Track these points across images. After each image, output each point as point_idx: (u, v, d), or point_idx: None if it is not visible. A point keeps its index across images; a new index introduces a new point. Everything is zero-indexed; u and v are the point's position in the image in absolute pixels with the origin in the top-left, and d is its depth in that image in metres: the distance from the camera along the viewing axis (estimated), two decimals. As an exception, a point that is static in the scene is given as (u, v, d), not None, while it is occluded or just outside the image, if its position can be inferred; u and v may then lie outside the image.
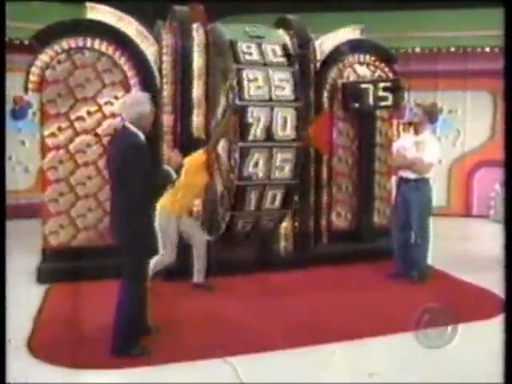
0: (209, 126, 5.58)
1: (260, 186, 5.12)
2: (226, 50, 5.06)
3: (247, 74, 4.95)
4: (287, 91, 5.07)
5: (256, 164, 5.01)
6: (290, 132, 5.05)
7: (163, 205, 4.35)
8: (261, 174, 5.06)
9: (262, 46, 5.13)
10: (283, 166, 5.14)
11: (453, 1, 7.93)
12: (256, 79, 4.99)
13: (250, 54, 5.06)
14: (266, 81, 5.00)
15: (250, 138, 4.93)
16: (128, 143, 3.46)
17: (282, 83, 5.05)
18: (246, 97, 4.93)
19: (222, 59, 5.30)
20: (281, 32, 5.53)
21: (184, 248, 4.94)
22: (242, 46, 5.08)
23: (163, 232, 4.54)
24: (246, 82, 4.93)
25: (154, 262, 4.58)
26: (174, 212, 4.73)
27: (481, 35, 8.44)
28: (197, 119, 5.54)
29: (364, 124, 6.38)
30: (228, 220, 5.25)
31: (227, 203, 5.27)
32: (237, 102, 4.89)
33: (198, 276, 5.00)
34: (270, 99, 5.01)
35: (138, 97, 3.91)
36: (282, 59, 5.15)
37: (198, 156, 4.85)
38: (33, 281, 5.15)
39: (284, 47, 5.17)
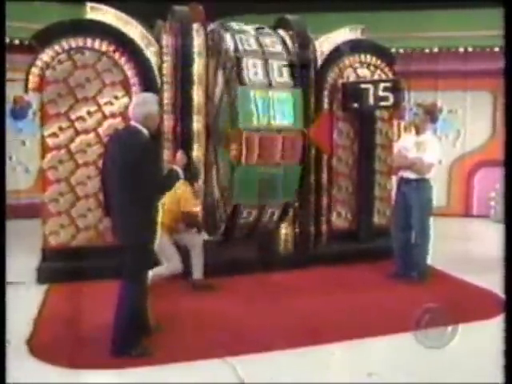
0: (208, 122, 5.63)
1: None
2: None
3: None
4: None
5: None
6: None
7: None
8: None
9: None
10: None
11: (453, 1, 7.92)
12: None
13: None
14: None
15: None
16: (137, 142, 3.46)
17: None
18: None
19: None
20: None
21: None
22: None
23: (160, 250, 4.60)
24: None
25: (158, 272, 4.65)
26: (162, 230, 4.79)
27: (481, 35, 8.42)
28: (197, 119, 5.55)
29: (364, 124, 6.36)
30: (230, 212, 5.29)
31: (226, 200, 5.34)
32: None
33: (196, 273, 5.01)
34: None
35: (145, 97, 3.88)
36: None
37: (187, 189, 4.92)
38: (33, 281, 5.15)
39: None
